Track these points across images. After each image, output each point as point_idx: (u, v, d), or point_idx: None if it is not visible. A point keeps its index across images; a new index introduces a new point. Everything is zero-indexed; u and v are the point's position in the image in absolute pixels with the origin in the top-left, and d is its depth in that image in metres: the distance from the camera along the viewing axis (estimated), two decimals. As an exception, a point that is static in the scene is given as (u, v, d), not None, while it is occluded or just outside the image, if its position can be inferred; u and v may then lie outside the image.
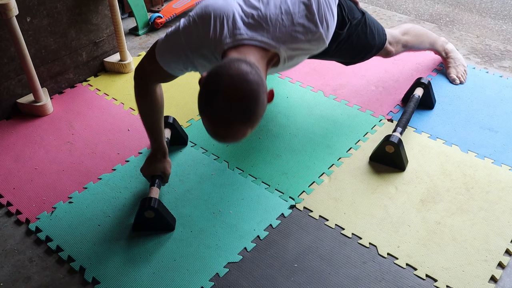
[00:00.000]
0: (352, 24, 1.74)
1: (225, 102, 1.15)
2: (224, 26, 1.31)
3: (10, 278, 1.49)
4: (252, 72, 1.18)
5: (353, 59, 1.94)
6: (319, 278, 1.46)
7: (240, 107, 1.16)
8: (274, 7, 1.34)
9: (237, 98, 1.15)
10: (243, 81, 1.15)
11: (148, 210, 1.55)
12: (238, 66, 1.17)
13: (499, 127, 2.03)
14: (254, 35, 1.31)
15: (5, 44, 1.99)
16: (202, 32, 1.34)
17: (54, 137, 2.02)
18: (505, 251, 1.53)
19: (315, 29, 1.34)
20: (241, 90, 1.15)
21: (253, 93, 1.16)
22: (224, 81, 1.15)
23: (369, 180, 1.79)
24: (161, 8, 2.96)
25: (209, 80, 1.18)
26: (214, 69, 1.19)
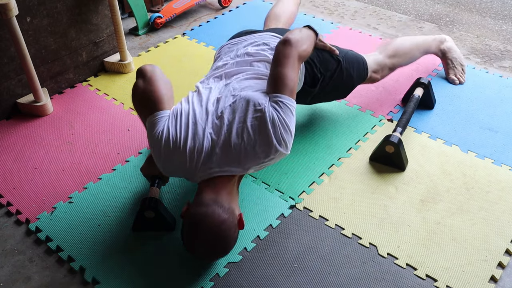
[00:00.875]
0: (326, 77, 1.79)
1: (205, 249, 1.38)
2: (200, 161, 1.42)
3: (10, 278, 1.49)
4: (225, 220, 1.35)
5: (334, 99, 2.01)
6: (319, 278, 1.46)
7: (218, 251, 1.40)
8: (237, 136, 1.41)
9: (215, 246, 1.37)
10: (218, 232, 1.34)
11: (148, 210, 1.55)
12: (212, 216, 1.34)
13: (499, 127, 2.03)
14: (224, 166, 1.41)
15: (5, 44, 1.99)
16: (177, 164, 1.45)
17: (54, 137, 2.02)
18: (505, 251, 1.53)
19: (275, 150, 1.41)
20: (217, 239, 1.35)
21: (228, 239, 1.37)
22: (202, 233, 1.34)
23: (369, 180, 1.79)
24: (161, 8, 2.96)
25: (188, 227, 1.37)
26: (192, 217, 1.36)
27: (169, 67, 2.44)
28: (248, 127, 1.41)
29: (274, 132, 1.40)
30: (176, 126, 1.45)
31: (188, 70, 2.42)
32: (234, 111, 1.45)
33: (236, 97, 1.48)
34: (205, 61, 2.48)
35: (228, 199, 1.40)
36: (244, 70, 1.62)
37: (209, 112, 1.47)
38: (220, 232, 1.34)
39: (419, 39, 2.21)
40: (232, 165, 1.41)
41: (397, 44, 2.09)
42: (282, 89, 1.45)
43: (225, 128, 1.42)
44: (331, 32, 2.75)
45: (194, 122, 1.45)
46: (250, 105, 1.44)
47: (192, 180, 1.48)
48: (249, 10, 3.00)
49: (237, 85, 1.55)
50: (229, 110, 1.45)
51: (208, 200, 1.37)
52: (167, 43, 2.68)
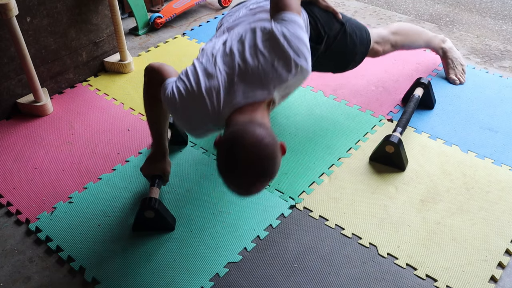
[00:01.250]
0: (330, 36, 1.76)
1: (246, 170, 1.22)
2: (221, 98, 1.36)
3: (10, 278, 1.49)
4: (266, 136, 1.24)
5: (337, 69, 1.96)
6: (319, 278, 1.46)
7: (260, 172, 1.23)
8: (252, 60, 1.38)
9: (257, 165, 1.22)
10: (260, 148, 1.21)
11: (148, 210, 1.55)
12: (252, 132, 1.23)
13: (499, 127, 2.03)
14: (248, 94, 1.35)
15: (5, 44, 1.99)
16: (199, 112, 1.38)
17: (54, 137, 2.02)
18: (505, 251, 1.53)
19: (295, 64, 1.38)
20: (260, 157, 1.21)
21: (271, 156, 1.23)
22: (242, 151, 1.21)
23: (369, 180, 1.79)
24: (161, 8, 2.96)
25: (226, 150, 1.24)
26: (229, 139, 1.25)
27: (169, 67, 2.44)
28: (260, 48, 1.38)
29: (289, 45, 1.37)
30: (184, 80, 1.41)
31: (188, 70, 2.42)
32: (243, 42, 1.42)
33: (241, 33, 1.46)
34: (205, 61, 2.48)
35: (264, 121, 1.32)
36: (247, 19, 1.59)
37: (217, 55, 1.43)
38: (264, 147, 1.22)
39: (423, 29, 2.25)
40: (255, 89, 1.35)
41: (400, 24, 2.15)
42: (285, 8, 1.45)
43: (237, 58, 1.39)
44: (331, 32, 2.74)
45: (203, 68, 1.42)
46: (257, 32, 1.42)
47: (220, 123, 1.39)
48: (249, 10, 3.00)
49: (241, 27, 1.52)
50: (237, 44, 1.43)
51: (243, 120, 1.29)
52: (167, 43, 2.68)
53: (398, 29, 2.09)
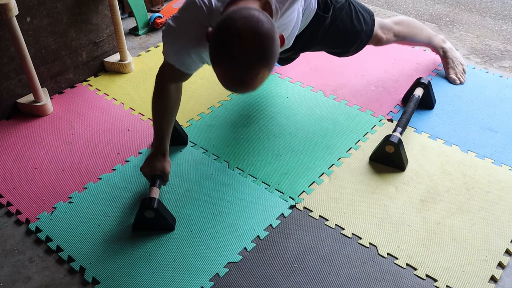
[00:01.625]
0: (336, 7, 1.76)
1: (244, 45, 1.12)
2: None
3: (10, 278, 1.49)
4: (261, 14, 1.16)
5: (343, 47, 1.95)
6: (319, 278, 1.46)
7: (259, 48, 1.13)
8: None
9: (255, 39, 1.13)
10: (257, 21, 1.13)
11: (148, 210, 1.55)
12: (247, 10, 1.15)
13: (499, 127, 2.03)
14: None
15: (5, 44, 1.99)
16: (196, 14, 1.32)
17: (54, 137, 2.02)
18: (505, 251, 1.53)
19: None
20: (257, 30, 1.12)
21: (269, 32, 1.14)
22: (237, 25, 1.12)
23: (369, 180, 1.79)
24: (161, 8, 2.96)
25: (221, 28, 1.15)
26: (223, 17, 1.17)
27: (169, 67, 2.44)
28: None
29: None
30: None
31: (188, 70, 2.42)
32: None
33: None
34: (205, 61, 2.48)
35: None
36: None
37: None
38: (260, 24, 1.12)
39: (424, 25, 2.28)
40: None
41: (403, 17, 2.18)
42: None
43: None
44: (331, 32, 2.75)
45: None
46: None
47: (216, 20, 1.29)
48: (249, 10, 3.00)
49: None
50: None
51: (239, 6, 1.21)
52: (167, 43, 2.67)
53: (401, 21, 2.12)
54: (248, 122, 2.07)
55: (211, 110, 2.14)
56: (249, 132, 2.01)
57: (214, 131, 2.02)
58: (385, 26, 2.02)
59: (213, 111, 2.14)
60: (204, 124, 2.06)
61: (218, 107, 2.16)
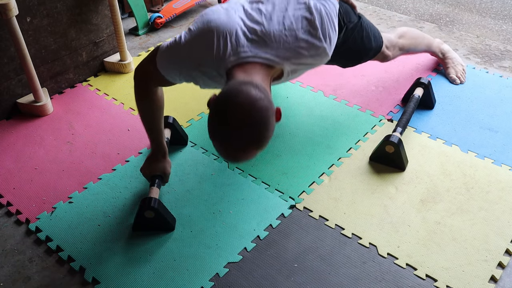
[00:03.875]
0: (348, 28, 1.76)
1: (237, 131, 1.17)
2: (228, 44, 1.30)
3: (10, 278, 1.49)
4: (261, 98, 1.18)
5: (351, 63, 1.96)
6: (319, 278, 1.46)
7: (252, 135, 1.19)
8: (278, 23, 1.33)
9: (249, 127, 1.17)
10: (252, 109, 1.16)
11: (148, 210, 1.55)
12: (246, 93, 1.17)
13: (499, 127, 2.03)
14: (258, 52, 1.30)
15: (5, 44, 1.99)
16: (204, 50, 1.33)
17: (54, 137, 2.02)
18: (505, 251, 1.53)
19: (319, 44, 1.34)
20: (252, 118, 1.16)
21: (263, 120, 1.18)
22: (234, 110, 1.16)
23: (369, 180, 1.79)
24: (161, 8, 2.96)
25: (218, 108, 1.20)
26: (222, 96, 1.20)
27: (169, 67, 2.44)
28: (290, 16, 1.31)
29: (320, 23, 1.32)
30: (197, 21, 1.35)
31: (188, 70, 2.42)
32: (274, 4, 1.35)
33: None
34: (205, 61, 2.48)
35: (263, 85, 1.25)
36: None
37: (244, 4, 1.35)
38: (256, 110, 1.16)
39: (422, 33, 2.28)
40: (268, 51, 1.29)
41: (405, 29, 2.17)
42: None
43: (263, 16, 1.32)
44: (331, 32, 2.74)
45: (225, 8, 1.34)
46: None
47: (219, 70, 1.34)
48: (249, 10, 3.00)
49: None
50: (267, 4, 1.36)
51: (241, 79, 1.24)
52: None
53: (403, 33, 2.12)
54: (248, 122, 2.07)
55: (211, 110, 2.14)
56: (249, 132, 2.01)
57: (214, 131, 2.02)
58: (391, 42, 2.01)
59: (213, 111, 2.14)
60: (204, 124, 2.06)
61: (218, 107, 2.16)
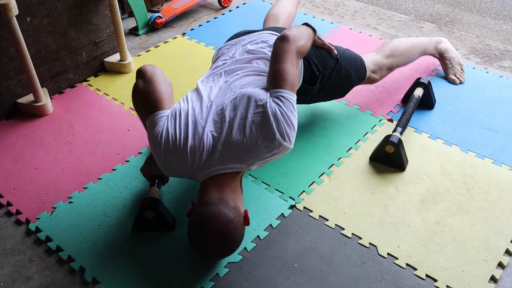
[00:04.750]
0: (325, 75, 1.79)
1: (212, 251, 1.39)
2: (202, 160, 1.41)
3: (10, 278, 1.49)
4: (232, 220, 1.34)
5: (334, 98, 1.99)
6: (319, 278, 1.46)
7: (225, 251, 1.40)
8: (239, 133, 1.40)
9: (222, 246, 1.38)
10: (224, 233, 1.34)
11: (148, 210, 1.55)
12: (219, 217, 1.33)
13: (499, 127, 2.03)
14: (227, 165, 1.40)
15: (5, 44, 1.99)
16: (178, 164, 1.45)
17: (54, 137, 2.02)
18: (505, 251, 1.53)
19: (278, 145, 1.40)
20: (225, 239, 1.35)
21: (236, 238, 1.38)
22: (209, 233, 1.34)
23: (369, 180, 1.79)
24: (161, 8, 2.96)
25: (195, 229, 1.37)
26: (198, 220, 1.36)
27: (169, 67, 2.44)
28: (250, 123, 1.40)
29: (277, 127, 1.39)
30: (175, 126, 1.45)
31: (188, 70, 2.42)
32: (236, 108, 1.44)
33: (236, 94, 1.48)
34: (205, 61, 2.48)
35: (233, 197, 1.40)
36: (244, 67, 1.62)
37: (210, 110, 1.47)
38: (227, 232, 1.34)
39: (416, 40, 2.22)
40: (235, 162, 1.40)
41: (394, 45, 2.10)
42: (282, 84, 1.46)
43: (226, 125, 1.42)
44: (331, 32, 2.75)
45: (194, 122, 1.45)
46: (252, 101, 1.43)
47: (194, 179, 1.47)
48: (249, 10, 3.00)
49: (237, 82, 1.55)
50: (230, 106, 1.45)
51: (213, 199, 1.36)
52: (167, 43, 2.68)
53: (392, 52, 2.06)
54: (248, 122, 2.07)
55: (211, 110, 2.14)
56: (249, 132, 2.01)
57: (214, 131, 2.02)
58: (377, 65, 1.99)
59: (213, 111, 2.14)
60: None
61: (218, 107, 2.16)
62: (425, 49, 2.22)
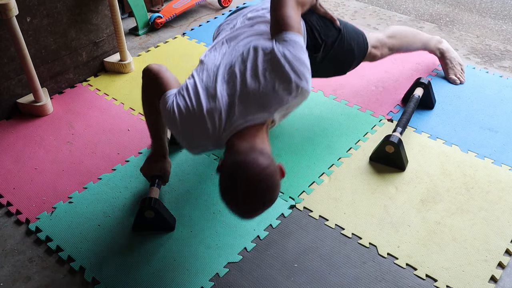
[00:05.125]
0: (328, 43, 1.77)
1: (247, 202, 1.25)
2: (222, 120, 1.36)
3: (10, 278, 1.49)
4: (268, 165, 1.24)
5: (336, 73, 1.97)
6: (319, 278, 1.46)
7: (261, 202, 1.26)
8: (253, 82, 1.37)
9: (258, 198, 1.25)
10: (261, 181, 1.23)
11: (148, 210, 1.55)
12: (253, 164, 1.23)
13: (499, 127, 2.03)
14: (247, 117, 1.35)
15: (5, 44, 1.99)
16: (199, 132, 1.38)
17: (54, 137, 2.02)
18: (505, 251, 1.53)
19: (296, 86, 1.37)
20: (261, 190, 1.23)
21: (272, 186, 1.25)
22: (243, 184, 1.22)
23: (369, 180, 1.79)
24: (161, 8, 2.96)
25: (228, 180, 1.26)
26: (231, 168, 1.26)
27: (169, 67, 2.43)
28: (262, 71, 1.37)
29: (291, 67, 1.36)
30: (185, 97, 1.40)
31: (188, 70, 2.42)
32: (244, 61, 1.41)
33: (242, 49, 1.45)
34: (205, 61, 2.48)
35: (264, 146, 1.33)
36: (246, 30, 1.58)
37: (217, 72, 1.43)
38: (265, 179, 1.23)
39: (418, 31, 2.26)
40: (256, 112, 1.35)
41: (397, 28, 2.15)
42: (285, 28, 1.44)
43: (238, 79, 1.38)
44: (331, 32, 2.74)
45: (204, 88, 1.41)
46: (259, 52, 1.41)
47: (219, 147, 1.41)
48: (249, 10, 3.00)
49: (241, 42, 1.51)
50: (239, 62, 1.42)
51: (244, 149, 1.29)
52: (167, 43, 2.68)
53: (395, 33, 2.09)
54: (248, 122, 2.07)
55: (211, 110, 2.14)
56: (249, 132, 2.01)
57: (214, 131, 2.02)
58: (379, 42, 2.00)
59: (213, 111, 2.14)
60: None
61: (218, 107, 2.16)
62: (427, 42, 2.24)
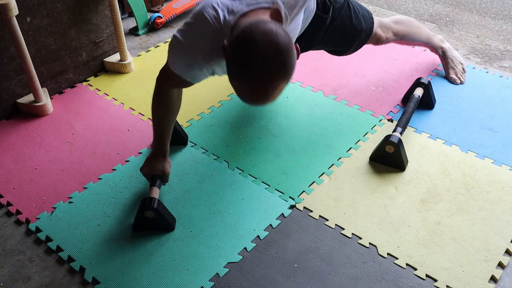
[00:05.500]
0: (335, 7, 1.79)
1: (265, 61, 1.13)
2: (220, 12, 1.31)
3: (10, 278, 1.49)
4: (279, 27, 1.16)
5: (343, 46, 1.96)
6: (319, 278, 1.46)
7: (279, 63, 1.14)
8: None
9: (275, 55, 1.13)
10: (276, 36, 1.13)
11: (148, 210, 1.55)
12: (264, 24, 1.15)
13: (499, 127, 2.03)
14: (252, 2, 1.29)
15: (5, 44, 1.99)
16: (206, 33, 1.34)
17: (54, 137, 2.02)
18: (505, 251, 1.53)
19: None
20: (277, 46, 1.13)
21: (288, 46, 1.15)
22: (257, 40, 1.12)
23: (369, 180, 1.79)
24: (161, 8, 2.96)
25: (240, 44, 1.16)
26: (240, 32, 1.16)
27: (169, 67, 2.44)
28: None
29: None
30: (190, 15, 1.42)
31: (188, 70, 2.42)
32: None
33: None
34: (205, 61, 2.48)
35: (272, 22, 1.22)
36: None
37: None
38: (280, 44, 1.12)
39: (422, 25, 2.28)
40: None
41: (402, 16, 2.19)
42: None
43: None
44: (331, 32, 2.75)
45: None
46: None
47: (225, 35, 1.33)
48: (249, 10, 3.00)
49: None
50: None
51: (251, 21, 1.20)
52: (167, 43, 2.68)
53: (400, 20, 2.13)
54: (248, 122, 2.07)
55: (211, 110, 2.15)
56: (249, 132, 2.01)
57: (214, 131, 2.02)
58: (384, 25, 2.04)
59: (213, 111, 2.14)
60: (204, 124, 2.07)
61: (218, 107, 2.16)
62: (430, 38, 2.26)
